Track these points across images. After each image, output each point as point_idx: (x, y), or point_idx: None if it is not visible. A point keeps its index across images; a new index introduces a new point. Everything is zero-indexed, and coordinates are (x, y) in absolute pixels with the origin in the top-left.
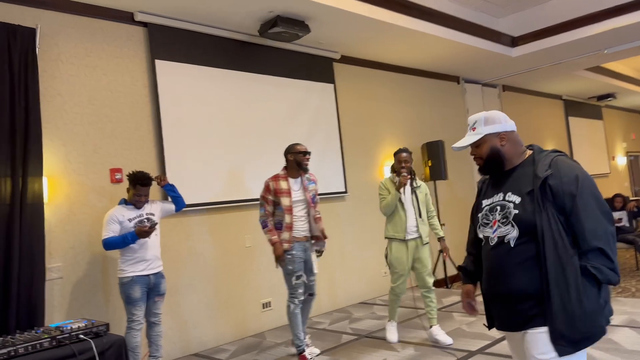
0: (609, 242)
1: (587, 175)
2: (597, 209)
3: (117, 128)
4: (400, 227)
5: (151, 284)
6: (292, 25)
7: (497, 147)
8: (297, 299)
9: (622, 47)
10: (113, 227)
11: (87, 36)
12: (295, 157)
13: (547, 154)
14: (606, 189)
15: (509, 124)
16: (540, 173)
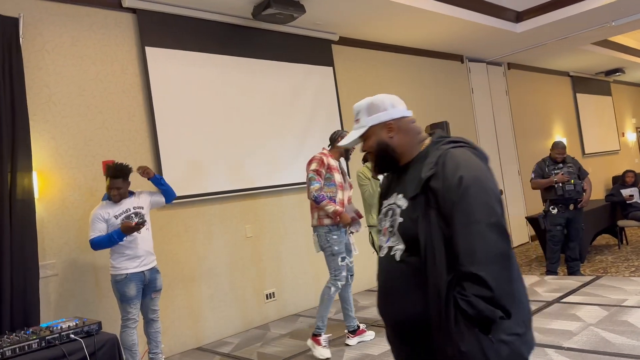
0: (490, 266)
1: (477, 177)
2: (483, 222)
3: (109, 119)
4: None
5: (146, 280)
6: (286, 6)
7: (384, 140)
8: (340, 281)
9: (631, 19)
10: (99, 226)
11: (73, 24)
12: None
13: (441, 145)
14: (617, 166)
15: (397, 109)
16: (423, 173)
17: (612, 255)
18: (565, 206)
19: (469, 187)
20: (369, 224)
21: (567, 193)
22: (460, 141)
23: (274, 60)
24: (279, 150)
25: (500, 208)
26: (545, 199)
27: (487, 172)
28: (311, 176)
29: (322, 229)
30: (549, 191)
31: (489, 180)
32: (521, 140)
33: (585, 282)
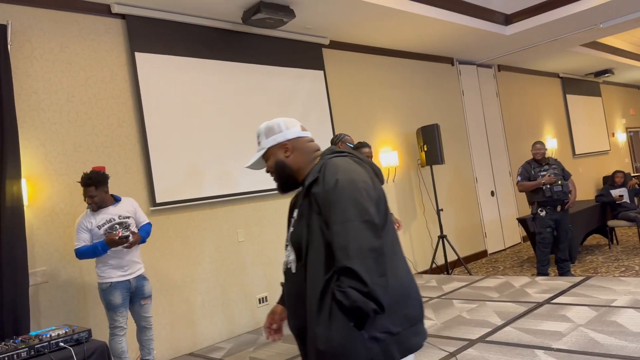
0: (364, 260)
1: (352, 179)
2: (356, 219)
3: (98, 125)
4: None
5: (132, 288)
6: (276, 11)
7: (281, 159)
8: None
9: (618, 21)
10: (83, 236)
11: (62, 31)
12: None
13: (326, 156)
14: (607, 166)
15: (291, 130)
16: (307, 180)
17: (602, 255)
18: (553, 208)
19: (344, 188)
20: None
21: (556, 194)
22: (344, 152)
23: (265, 64)
24: None
25: (376, 207)
26: (532, 201)
27: (364, 175)
28: None
29: None
30: (536, 193)
31: (364, 182)
32: (512, 141)
33: (575, 283)
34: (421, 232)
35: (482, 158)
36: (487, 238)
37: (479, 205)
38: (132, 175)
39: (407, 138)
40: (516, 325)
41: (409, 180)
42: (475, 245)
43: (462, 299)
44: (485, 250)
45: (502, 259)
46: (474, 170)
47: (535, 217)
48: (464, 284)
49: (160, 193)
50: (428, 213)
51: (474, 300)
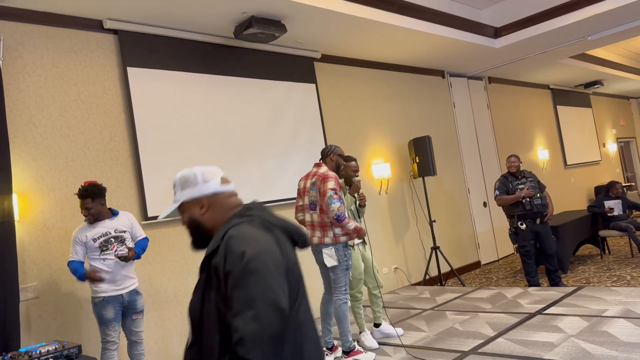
0: (262, 350)
1: (258, 252)
2: (259, 302)
3: (90, 139)
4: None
5: (125, 302)
6: (267, 26)
7: (195, 217)
8: (348, 295)
9: (605, 33)
10: (77, 249)
11: (54, 46)
12: (338, 160)
13: (233, 219)
14: (598, 176)
15: (209, 184)
16: (208, 248)
17: (594, 265)
18: (533, 220)
19: (249, 264)
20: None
21: (536, 207)
22: (252, 214)
23: (257, 78)
24: (263, 167)
25: (286, 283)
26: (511, 215)
27: (273, 246)
28: (331, 194)
29: (339, 245)
30: (515, 207)
31: (273, 256)
32: (503, 153)
33: (567, 293)
34: (414, 243)
35: (474, 169)
36: (480, 249)
37: (472, 216)
38: (124, 190)
39: (399, 150)
40: (508, 336)
41: (401, 192)
42: (468, 256)
43: (455, 310)
44: (478, 261)
45: (495, 270)
46: (466, 182)
47: (516, 231)
48: (457, 295)
49: (152, 207)
50: (421, 224)
51: (466, 312)
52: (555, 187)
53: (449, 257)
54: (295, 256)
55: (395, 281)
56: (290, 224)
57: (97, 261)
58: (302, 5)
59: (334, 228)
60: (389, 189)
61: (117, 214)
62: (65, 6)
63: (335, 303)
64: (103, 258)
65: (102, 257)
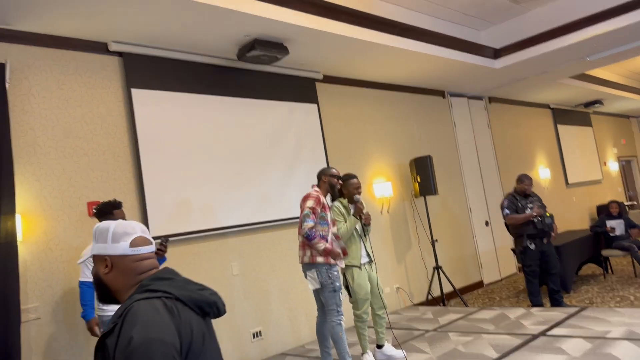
0: None
1: (150, 341)
2: None
3: (94, 160)
4: (356, 253)
5: None
6: (270, 48)
7: (99, 274)
8: (342, 315)
9: (604, 54)
10: (88, 271)
11: (59, 68)
12: (330, 180)
13: (136, 293)
14: (600, 195)
15: (117, 245)
16: (107, 327)
17: (597, 285)
18: (541, 240)
19: (133, 353)
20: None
21: (546, 226)
22: (156, 289)
23: (259, 98)
24: (265, 186)
25: None
26: (520, 234)
27: (166, 332)
28: (307, 213)
29: (322, 265)
30: (526, 226)
31: (161, 347)
32: (505, 172)
33: (570, 314)
34: (416, 262)
35: (475, 188)
36: (482, 268)
37: (474, 236)
38: (127, 210)
39: (400, 169)
40: (512, 358)
41: (403, 211)
42: (471, 276)
43: (458, 331)
44: (481, 281)
45: (498, 290)
46: (467, 201)
47: (525, 250)
48: (460, 316)
49: (155, 227)
50: (423, 244)
51: (469, 333)
52: (557, 206)
53: (452, 276)
54: (206, 330)
55: (397, 301)
56: (200, 294)
57: None
58: (304, 29)
59: (311, 247)
60: (391, 208)
61: None
62: (71, 29)
63: (329, 325)
64: None
65: None
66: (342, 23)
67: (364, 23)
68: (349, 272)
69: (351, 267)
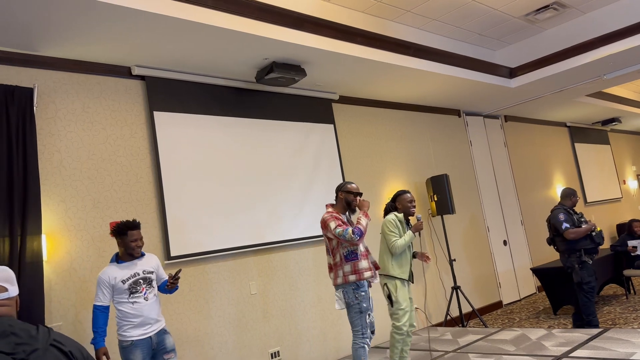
0: None
1: None
2: None
3: (117, 181)
4: (406, 268)
5: (154, 344)
6: (288, 70)
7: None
8: (367, 338)
9: (621, 72)
10: (104, 292)
11: (85, 92)
12: (346, 197)
13: None
14: (620, 214)
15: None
16: None
17: (620, 305)
18: (593, 255)
19: None
20: (389, 273)
21: (602, 240)
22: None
23: (277, 119)
24: (283, 205)
25: None
26: (577, 249)
27: None
28: (339, 231)
29: (349, 285)
30: (584, 240)
31: None
32: (522, 191)
33: (593, 335)
34: (434, 282)
35: (493, 207)
36: (501, 288)
37: (492, 255)
38: (148, 229)
39: (417, 188)
40: None
41: None
42: (489, 296)
43: (478, 352)
44: (500, 301)
45: (517, 310)
46: (485, 220)
47: (583, 266)
48: (480, 337)
49: (175, 247)
50: (441, 263)
51: (490, 354)
52: None
53: (470, 297)
54: None
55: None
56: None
57: (125, 305)
58: (320, 51)
59: (343, 266)
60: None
61: (144, 255)
62: (95, 54)
63: (353, 346)
64: (132, 301)
65: (132, 300)
66: (358, 45)
67: (379, 45)
68: (391, 283)
69: (395, 278)
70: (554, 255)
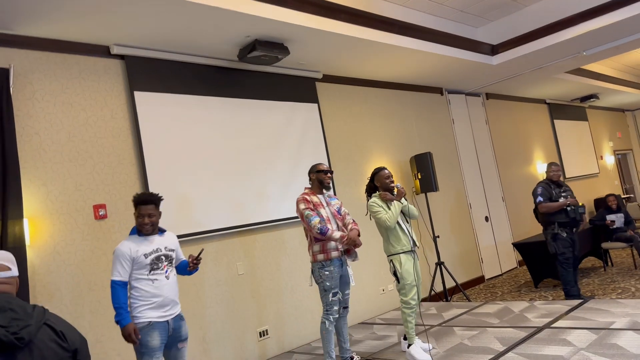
0: None
1: None
2: None
3: (99, 163)
4: (405, 239)
5: (170, 330)
6: (270, 48)
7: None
8: (333, 316)
9: (600, 49)
10: (124, 266)
11: (63, 72)
12: (318, 176)
13: None
14: (597, 189)
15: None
16: None
17: (598, 277)
18: (571, 229)
19: None
20: (391, 252)
21: (579, 216)
22: None
23: (260, 99)
24: (268, 186)
25: None
26: (551, 222)
27: None
28: (307, 214)
29: (315, 264)
30: (559, 214)
31: None
32: (503, 167)
33: (573, 306)
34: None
35: (474, 184)
36: (483, 264)
37: (474, 231)
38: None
39: (401, 166)
40: (518, 350)
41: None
42: (472, 271)
43: (462, 326)
44: (482, 276)
45: (499, 284)
46: (467, 197)
47: (556, 238)
48: (464, 311)
49: None
50: (425, 240)
51: (474, 327)
52: None
53: (453, 272)
54: None
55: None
56: None
57: (144, 282)
58: (303, 28)
59: (313, 246)
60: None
61: (164, 232)
62: (74, 33)
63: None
64: (152, 279)
65: (152, 278)
66: (341, 22)
67: (363, 22)
68: (396, 259)
69: (399, 254)
70: (534, 230)
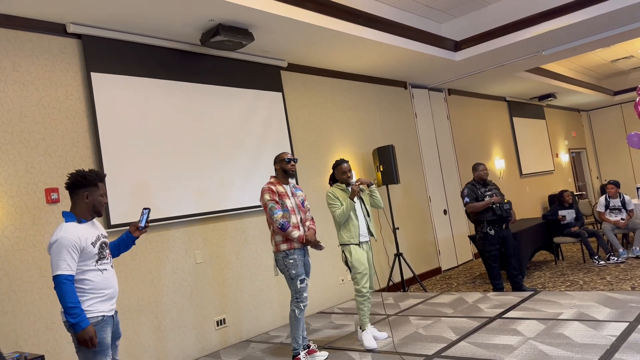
0: None
1: None
2: None
3: (52, 145)
4: (354, 232)
5: (113, 325)
6: (234, 34)
7: None
8: (303, 303)
9: (559, 49)
10: (72, 259)
11: (15, 50)
12: (282, 166)
13: None
14: (552, 185)
15: None
16: None
17: (549, 270)
18: (500, 226)
19: None
20: (341, 242)
21: (505, 212)
22: None
23: (223, 85)
24: (230, 174)
25: None
26: (480, 220)
27: None
28: (271, 206)
29: (279, 254)
30: (485, 212)
31: None
32: (463, 162)
33: (524, 298)
34: (378, 250)
35: (434, 178)
36: (440, 255)
37: (433, 224)
38: None
39: (363, 158)
40: (470, 340)
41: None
42: (429, 263)
43: (418, 315)
44: (439, 267)
45: (455, 276)
46: (427, 190)
47: (485, 236)
48: (420, 301)
49: (116, 215)
50: (385, 231)
51: (429, 317)
52: (511, 196)
53: (411, 263)
54: None
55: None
56: None
57: (93, 273)
58: (269, 15)
59: (275, 236)
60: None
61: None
62: (27, 9)
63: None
64: (102, 269)
65: (100, 268)
66: (308, 11)
67: (330, 12)
68: (346, 249)
69: (349, 244)
70: None
